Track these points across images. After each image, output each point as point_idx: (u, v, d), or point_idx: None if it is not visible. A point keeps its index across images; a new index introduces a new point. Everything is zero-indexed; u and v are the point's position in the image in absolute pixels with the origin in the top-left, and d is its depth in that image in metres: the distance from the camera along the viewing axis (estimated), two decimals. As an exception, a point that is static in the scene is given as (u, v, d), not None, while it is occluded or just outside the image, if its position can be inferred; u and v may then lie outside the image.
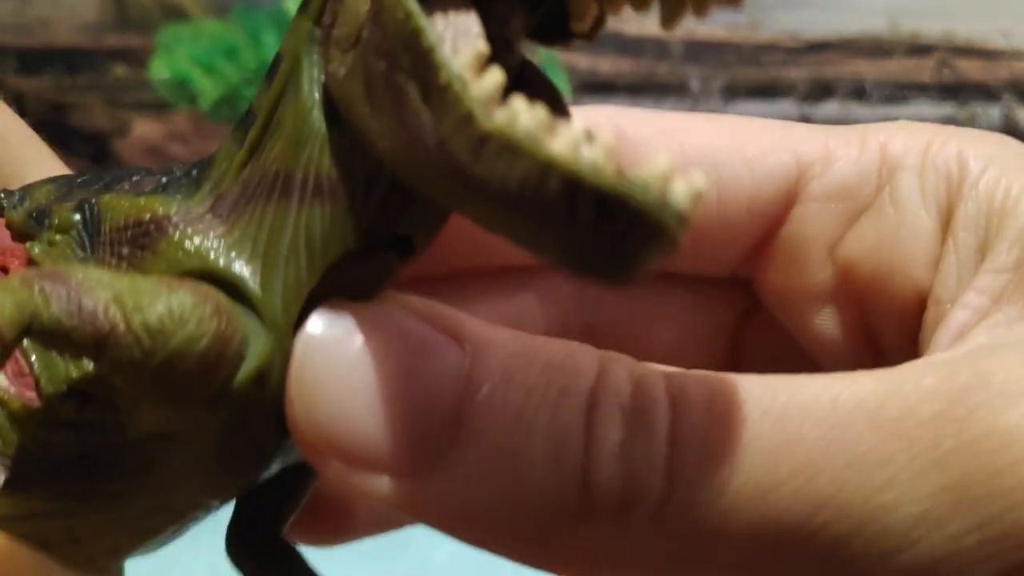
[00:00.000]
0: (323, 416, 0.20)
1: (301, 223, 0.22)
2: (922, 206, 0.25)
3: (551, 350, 0.20)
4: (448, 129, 0.18)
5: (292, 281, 0.22)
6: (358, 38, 0.20)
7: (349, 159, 0.21)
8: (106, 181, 0.26)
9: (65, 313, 0.20)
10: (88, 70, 1.54)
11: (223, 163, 0.24)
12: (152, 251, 0.23)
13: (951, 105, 1.47)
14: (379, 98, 0.19)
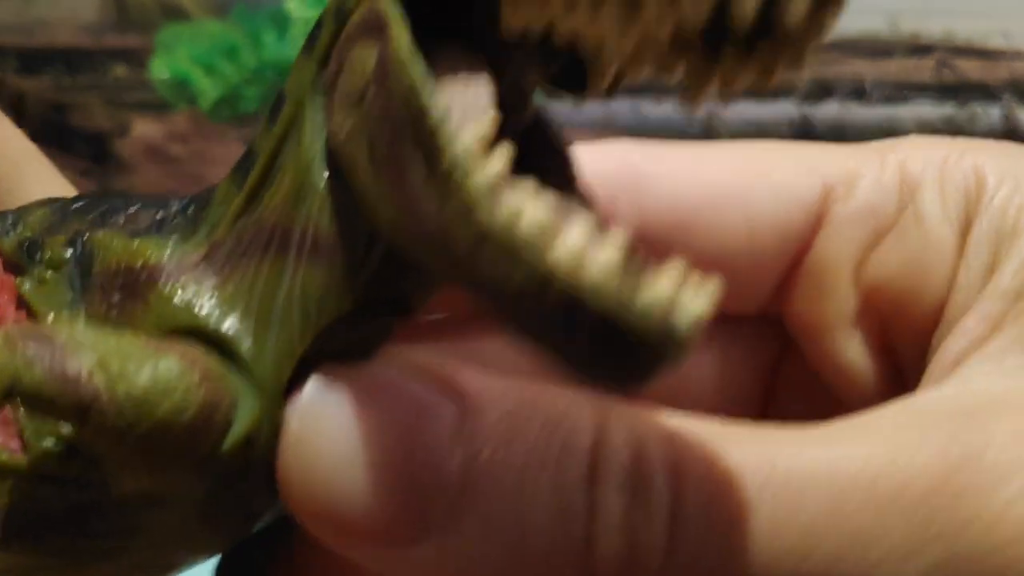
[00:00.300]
0: (319, 488, 0.19)
1: (297, 282, 0.21)
2: (944, 222, 0.25)
3: (549, 405, 0.20)
4: (450, 217, 0.17)
5: (285, 343, 0.21)
6: (363, 96, 0.19)
7: (349, 219, 0.21)
8: (101, 210, 0.25)
9: (48, 379, 0.20)
10: (88, 70, 1.54)
11: (221, 205, 0.23)
12: (143, 302, 0.22)
13: (951, 105, 1.47)
14: (383, 166, 0.19)
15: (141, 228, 0.24)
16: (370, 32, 0.19)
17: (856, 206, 0.26)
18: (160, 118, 1.52)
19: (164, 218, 0.24)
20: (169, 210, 0.24)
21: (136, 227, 0.24)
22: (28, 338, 0.20)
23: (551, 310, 0.16)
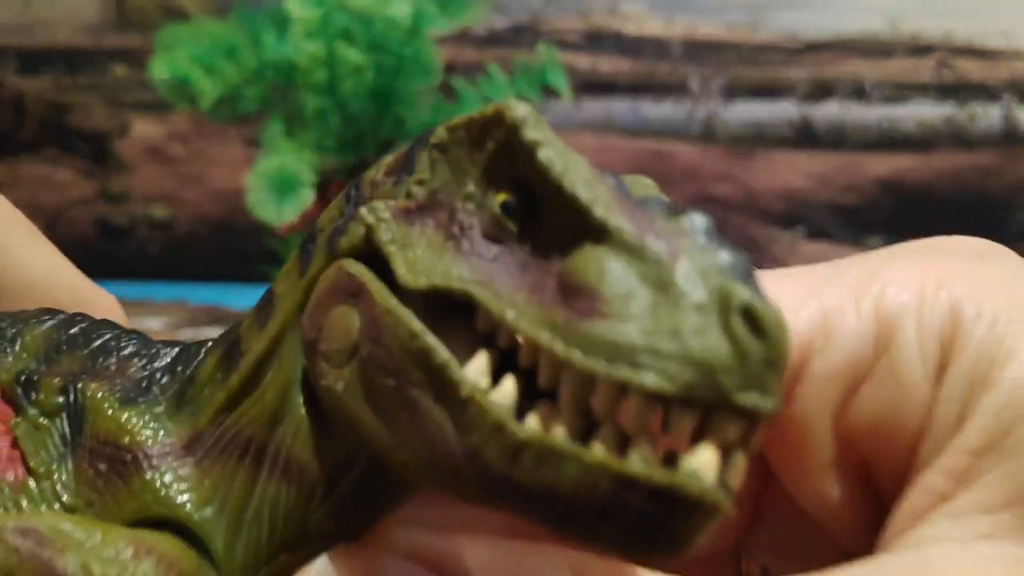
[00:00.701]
0: None
1: (267, 495, 0.23)
2: (920, 370, 0.26)
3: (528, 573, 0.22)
4: (478, 440, 0.19)
5: (252, 547, 0.23)
6: (352, 354, 0.21)
7: (322, 451, 0.22)
8: (92, 349, 0.27)
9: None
10: (88, 70, 1.54)
11: (205, 386, 0.25)
12: (127, 485, 0.25)
13: (951, 105, 1.47)
14: (391, 413, 0.20)
15: (129, 385, 0.26)
16: (344, 296, 0.21)
17: (833, 361, 0.26)
18: (160, 118, 1.53)
19: (151, 375, 0.26)
20: (155, 364, 0.26)
21: (124, 381, 0.26)
22: (20, 536, 0.23)
23: (603, 496, 0.18)
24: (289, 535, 0.23)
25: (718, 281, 0.18)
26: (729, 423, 0.18)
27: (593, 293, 0.19)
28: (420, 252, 0.21)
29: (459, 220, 0.21)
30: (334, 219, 0.23)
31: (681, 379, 0.18)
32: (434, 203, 0.21)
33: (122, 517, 0.25)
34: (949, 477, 0.24)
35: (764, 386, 0.18)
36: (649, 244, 0.19)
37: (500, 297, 0.20)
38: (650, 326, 0.18)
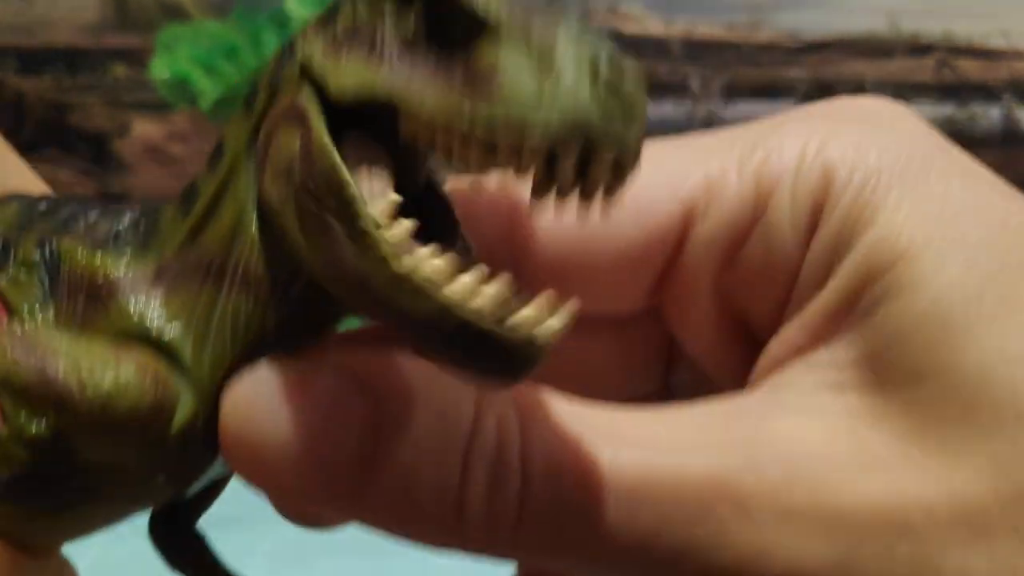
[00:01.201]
0: (254, 452, 0.25)
1: (228, 307, 0.26)
2: (791, 235, 0.27)
3: (441, 396, 0.25)
4: (368, 266, 0.22)
5: (218, 353, 0.26)
6: (290, 170, 0.24)
7: (273, 261, 0.26)
8: (63, 217, 0.30)
9: (32, 380, 0.25)
10: (88, 70, 1.54)
11: (167, 228, 0.28)
12: (104, 311, 0.28)
13: (951, 105, 1.47)
14: (312, 232, 0.23)
15: (99, 239, 0.29)
16: (292, 120, 0.24)
17: (714, 224, 0.28)
18: (160, 118, 1.53)
19: (119, 231, 0.29)
20: (122, 222, 0.29)
21: (95, 237, 0.29)
22: (16, 345, 0.26)
23: (447, 331, 0.22)
24: (249, 341, 0.26)
25: (588, 51, 0.22)
26: (601, 166, 0.22)
27: (489, 79, 0.22)
28: (345, 68, 0.24)
29: (379, 38, 0.24)
30: (271, 72, 0.26)
31: (557, 130, 0.21)
32: (357, 31, 0.24)
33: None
34: (806, 331, 0.26)
35: (630, 118, 0.22)
36: (534, 31, 0.22)
37: (414, 95, 0.23)
38: (534, 100, 0.22)
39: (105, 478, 0.28)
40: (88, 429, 0.26)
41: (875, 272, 0.25)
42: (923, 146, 0.27)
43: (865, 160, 0.26)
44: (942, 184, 0.26)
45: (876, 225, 0.25)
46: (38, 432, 0.27)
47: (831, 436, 0.24)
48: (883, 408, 0.24)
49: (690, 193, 0.28)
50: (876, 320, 0.25)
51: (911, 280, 0.25)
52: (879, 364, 0.25)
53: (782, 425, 0.25)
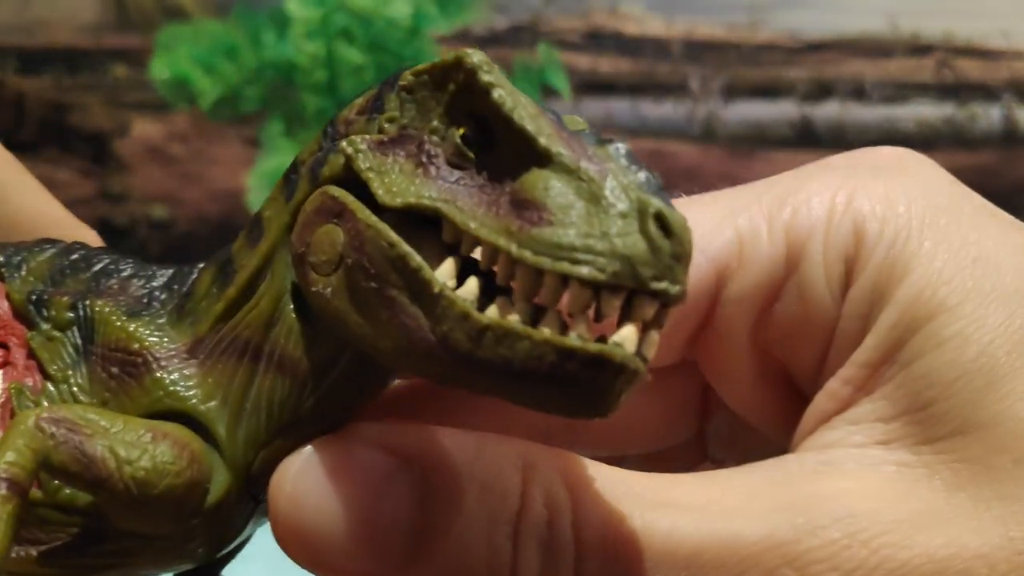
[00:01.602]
0: (308, 539, 0.25)
1: (264, 387, 0.27)
2: (825, 290, 0.28)
3: (485, 470, 0.25)
4: (448, 327, 0.23)
5: (252, 433, 0.27)
6: (338, 264, 0.25)
7: (310, 348, 0.26)
8: (95, 271, 0.31)
9: (71, 459, 0.26)
10: (88, 70, 1.54)
11: (202, 300, 0.28)
12: (139, 383, 0.28)
13: (951, 105, 1.47)
14: (373, 310, 0.24)
15: (132, 301, 0.29)
16: (329, 216, 0.25)
17: (747, 283, 0.29)
18: (160, 118, 1.53)
19: (151, 292, 0.30)
20: (153, 283, 0.30)
21: (127, 298, 0.29)
22: (55, 424, 0.26)
23: (544, 368, 0.22)
24: (284, 421, 0.27)
25: (636, 194, 0.23)
26: (646, 306, 0.22)
27: (540, 205, 0.23)
28: (394, 177, 0.25)
29: (426, 150, 0.25)
30: (313, 152, 0.27)
31: (610, 270, 0.22)
32: (404, 136, 0.25)
33: (135, 411, 0.28)
34: (849, 385, 0.26)
35: (673, 275, 0.22)
36: (583, 166, 0.23)
37: (463, 212, 0.24)
38: (585, 230, 0.22)
39: (140, 545, 0.28)
40: (124, 505, 0.26)
41: (915, 324, 0.25)
42: (948, 195, 0.28)
43: (895, 212, 0.27)
44: (973, 232, 0.26)
45: (912, 276, 0.26)
46: (73, 499, 0.28)
47: (887, 492, 0.24)
48: (934, 461, 0.25)
49: (721, 251, 0.29)
50: (919, 372, 0.25)
51: (954, 332, 0.25)
52: (927, 417, 0.25)
53: (836, 485, 0.25)
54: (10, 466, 0.25)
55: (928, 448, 0.25)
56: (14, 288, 0.30)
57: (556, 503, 0.25)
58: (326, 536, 0.25)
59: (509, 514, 0.24)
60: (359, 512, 0.24)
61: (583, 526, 0.25)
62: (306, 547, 0.25)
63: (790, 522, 0.24)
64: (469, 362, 0.23)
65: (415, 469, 0.25)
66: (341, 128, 0.27)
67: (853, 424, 0.26)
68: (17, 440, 0.25)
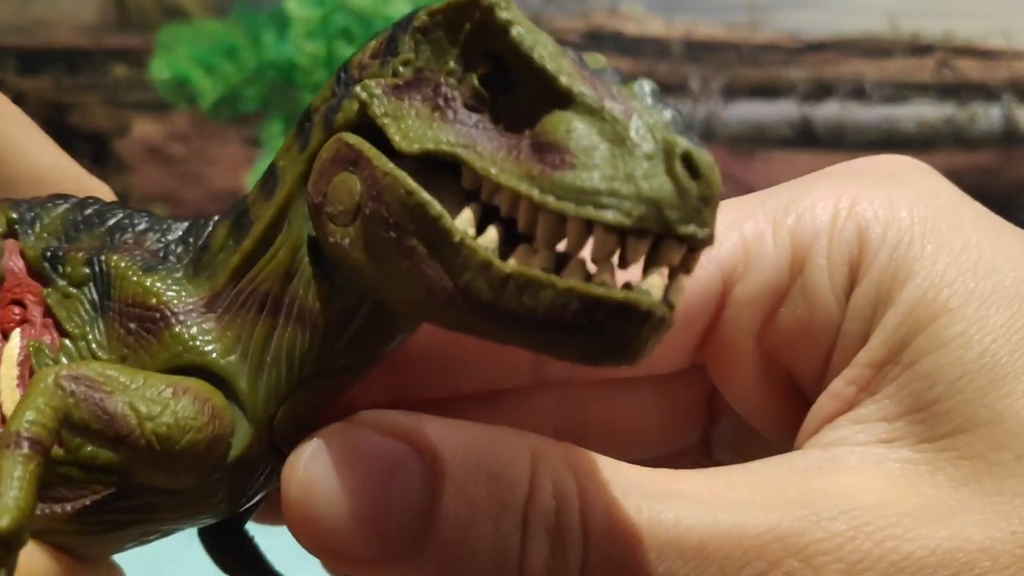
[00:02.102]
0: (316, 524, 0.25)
1: (284, 340, 0.26)
2: (829, 293, 0.28)
3: (494, 459, 0.25)
4: (469, 277, 0.22)
5: (272, 385, 0.27)
6: (356, 214, 0.24)
7: (329, 299, 0.26)
8: (109, 225, 0.30)
9: (92, 417, 0.26)
10: (88, 70, 1.54)
11: (219, 253, 0.28)
12: (157, 338, 0.28)
13: (951, 105, 1.47)
14: (392, 260, 0.23)
15: (148, 256, 0.29)
16: (345, 164, 0.24)
17: (752, 286, 0.29)
18: (160, 118, 1.52)
19: (166, 246, 0.29)
20: (168, 236, 0.30)
21: (143, 253, 0.29)
22: (75, 381, 0.26)
23: (569, 316, 0.22)
24: (305, 373, 0.26)
25: (663, 134, 0.22)
26: (673, 250, 0.22)
27: (562, 148, 0.22)
28: (411, 122, 0.24)
29: (443, 93, 0.24)
30: (327, 99, 0.26)
31: (635, 214, 0.21)
32: (419, 79, 0.24)
33: (155, 367, 0.27)
34: (853, 386, 0.27)
35: (701, 218, 0.21)
36: (607, 106, 0.22)
37: (483, 157, 0.23)
38: (609, 173, 0.21)
39: (163, 500, 0.28)
40: (146, 461, 0.26)
41: (918, 325, 0.26)
42: (949, 200, 0.28)
43: (897, 217, 0.27)
44: (974, 236, 0.27)
45: (915, 279, 0.26)
46: (94, 456, 0.28)
47: (891, 488, 0.25)
48: (937, 458, 0.25)
49: (728, 256, 0.29)
50: (923, 372, 0.26)
51: (956, 333, 0.25)
52: (930, 416, 0.25)
53: (841, 480, 0.25)
54: (31, 425, 0.24)
55: (931, 446, 0.25)
56: (28, 245, 0.30)
57: (564, 493, 0.25)
58: (334, 521, 0.25)
59: (517, 503, 0.25)
60: (368, 498, 0.25)
61: (590, 516, 0.25)
62: (315, 533, 0.25)
63: (795, 514, 0.24)
64: (491, 312, 0.22)
65: (425, 456, 0.25)
66: (355, 72, 0.26)
67: (857, 423, 0.26)
68: (37, 399, 0.25)
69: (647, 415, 0.33)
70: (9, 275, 0.30)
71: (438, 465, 0.25)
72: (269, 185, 0.27)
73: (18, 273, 0.30)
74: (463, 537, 0.24)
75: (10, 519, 0.23)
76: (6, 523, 0.23)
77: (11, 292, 0.30)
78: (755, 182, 1.60)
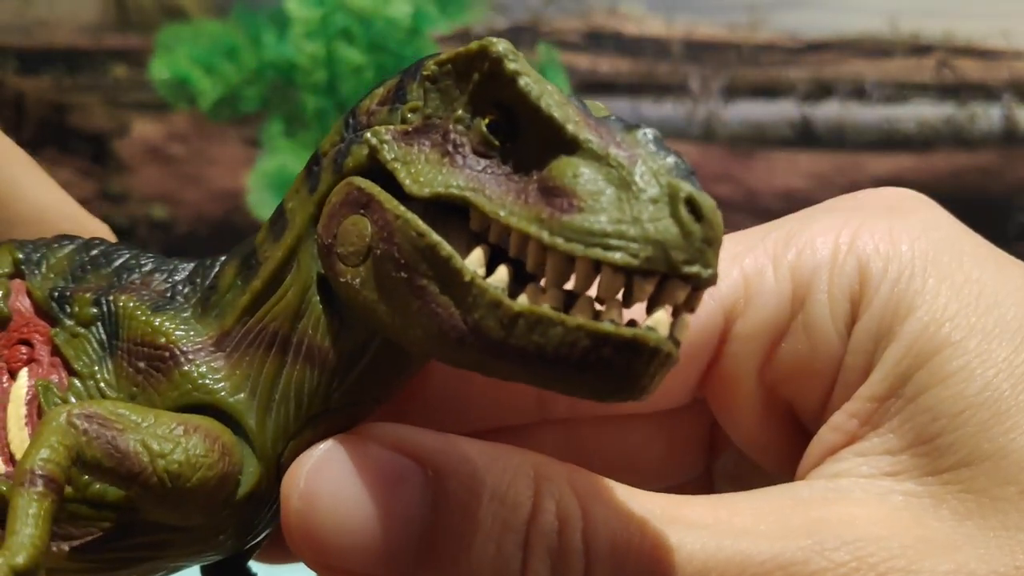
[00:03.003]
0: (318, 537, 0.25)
1: (292, 378, 0.27)
2: (831, 328, 0.28)
3: (497, 477, 0.25)
4: (479, 315, 0.23)
5: (281, 423, 0.27)
6: (367, 255, 0.25)
7: (339, 338, 0.26)
8: (116, 266, 0.30)
9: (104, 455, 0.26)
10: (88, 70, 1.54)
11: (227, 293, 0.28)
12: (167, 377, 0.28)
13: (951, 105, 1.47)
14: (403, 300, 0.24)
15: (155, 296, 0.29)
16: (355, 207, 0.25)
17: (753, 321, 0.29)
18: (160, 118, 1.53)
19: (173, 287, 0.29)
20: (175, 277, 0.30)
21: (150, 293, 0.29)
22: (86, 419, 0.26)
23: (577, 353, 0.22)
24: (313, 411, 0.27)
25: (667, 179, 0.23)
26: (678, 289, 0.23)
27: (569, 192, 0.23)
28: (420, 167, 0.24)
29: (452, 139, 0.24)
30: (335, 143, 0.27)
31: (643, 255, 0.22)
32: (428, 126, 0.25)
33: (164, 405, 0.28)
34: (855, 419, 0.27)
35: (705, 259, 0.22)
36: (612, 152, 0.23)
37: (492, 200, 0.23)
38: (616, 216, 0.22)
39: (171, 537, 0.28)
40: (157, 499, 0.26)
41: (920, 359, 0.26)
42: (949, 234, 0.28)
43: (898, 251, 0.27)
44: (976, 270, 0.27)
45: (917, 312, 0.26)
46: (103, 494, 0.28)
47: (894, 520, 0.25)
48: (941, 492, 0.25)
49: (728, 292, 0.29)
50: (925, 406, 0.26)
51: (958, 367, 0.25)
52: (933, 449, 0.25)
53: (846, 510, 0.25)
54: (45, 463, 0.25)
55: (935, 479, 0.25)
56: (35, 285, 0.30)
57: (567, 514, 0.25)
58: (335, 532, 0.25)
59: (520, 522, 0.25)
60: (370, 512, 0.25)
61: (593, 537, 0.25)
62: (315, 543, 0.25)
63: (799, 544, 0.24)
64: (501, 349, 0.23)
65: (429, 472, 0.25)
66: (363, 119, 0.26)
67: (861, 456, 0.27)
68: (50, 437, 0.25)
69: (649, 450, 0.33)
70: (16, 315, 0.30)
71: (441, 481, 0.25)
72: (277, 227, 0.28)
73: (25, 313, 0.30)
74: (464, 556, 0.24)
75: (26, 556, 0.23)
76: (23, 560, 0.23)
77: (18, 332, 0.30)
78: (755, 182, 1.60)
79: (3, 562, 0.23)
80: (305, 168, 0.27)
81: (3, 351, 0.30)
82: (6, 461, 0.28)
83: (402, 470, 0.25)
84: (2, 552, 0.23)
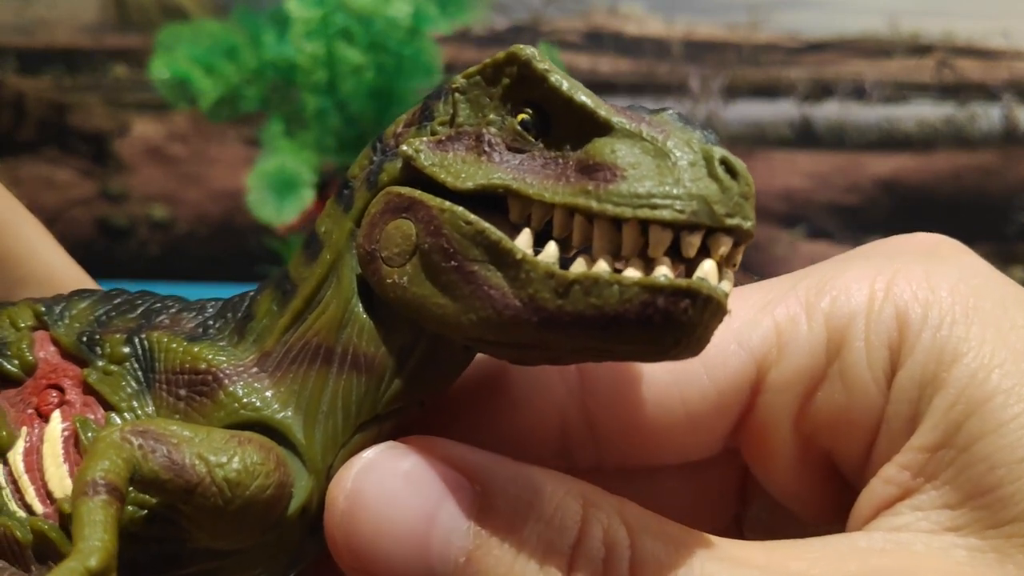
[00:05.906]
0: (361, 550, 0.25)
1: (339, 389, 0.27)
2: (869, 376, 0.28)
3: (545, 502, 0.25)
4: (533, 289, 0.24)
5: (330, 434, 0.27)
6: (413, 252, 0.26)
7: (384, 341, 0.27)
8: (142, 310, 0.31)
9: (161, 467, 0.26)
10: (88, 70, 1.54)
11: (263, 319, 0.29)
12: (212, 399, 0.28)
13: (951, 105, 1.47)
14: (454, 287, 0.25)
15: (188, 331, 0.30)
16: (397, 212, 0.26)
17: (787, 371, 0.29)
18: (160, 118, 1.53)
19: (207, 324, 0.30)
20: (204, 314, 0.30)
21: (181, 330, 0.30)
22: (141, 435, 0.26)
23: (634, 310, 0.23)
24: (363, 418, 0.27)
25: (699, 145, 0.24)
26: (721, 241, 0.24)
27: (610, 165, 0.24)
28: (459, 167, 0.26)
29: (486, 140, 0.26)
30: (365, 167, 0.27)
31: (688, 210, 0.24)
32: (460, 134, 0.26)
33: (210, 425, 0.28)
34: (907, 471, 0.26)
35: (744, 212, 0.24)
36: (644, 129, 0.25)
37: (533, 186, 0.25)
38: (658, 179, 0.24)
39: (219, 565, 0.28)
40: (213, 513, 0.26)
41: (971, 407, 0.26)
42: (989, 279, 0.28)
43: (938, 296, 0.27)
44: (1020, 316, 0.27)
45: (964, 359, 0.26)
46: (149, 524, 0.28)
47: (958, 573, 0.25)
48: (1005, 546, 0.25)
49: (761, 342, 0.29)
50: (981, 455, 0.25)
51: (1012, 415, 0.25)
52: (993, 501, 0.25)
53: (905, 562, 0.25)
54: (106, 473, 0.25)
55: (995, 532, 0.25)
56: (60, 333, 0.30)
57: (614, 541, 0.25)
58: (378, 536, 0.25)
59: (565, 545, 0.24)
60: (415, 518, 0.24)
61: (640, 567, 0.24)
62: (357, 546, 0.25)
63: None
64: (558, 318, 0.24)
65: (477, 487, 0.25)
66: (390, 142, 0.27)
67: (919, 510, 0.26)
68: (108, 451, 0.25)
69: (678, 499, 0.32)
70: (42, 363, 0.30)
71: (488, 498, 0.25)
72: (311, 249, 0.28)
73: (51, 360, 0.30)
74: (506, 573, 0.24)
75: (99, 559, 0.23)
76: (95, 563, 0.23)
77: (46, 378, 0.30)
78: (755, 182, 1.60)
79: (77, 565, 0.23)
80: (335, 192, 0.28)
81: (32, 397, 0.30)
82: (44, 501, 0.28)
83: (451, 482, 0.25)
84: (74, 556, 0.23)
